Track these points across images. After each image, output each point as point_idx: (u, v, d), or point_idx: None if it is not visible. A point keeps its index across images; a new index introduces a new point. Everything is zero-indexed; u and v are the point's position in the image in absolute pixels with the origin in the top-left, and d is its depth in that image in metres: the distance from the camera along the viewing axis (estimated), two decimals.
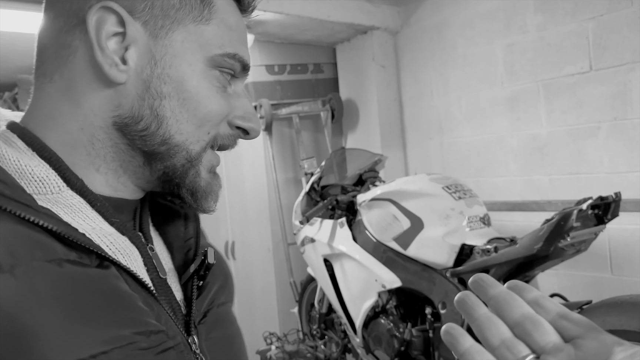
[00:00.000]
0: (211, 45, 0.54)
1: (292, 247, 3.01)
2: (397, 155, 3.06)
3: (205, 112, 0.54)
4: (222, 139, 0.58)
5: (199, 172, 0.56)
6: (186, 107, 0.54)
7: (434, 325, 1.98)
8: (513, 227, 2.45)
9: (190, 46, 0.53)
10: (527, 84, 2.47)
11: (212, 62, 0.55)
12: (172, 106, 0.53)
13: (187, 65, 0.53)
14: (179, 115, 0.53)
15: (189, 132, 0.54)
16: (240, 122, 0.58)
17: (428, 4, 2.87)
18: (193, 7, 0.53)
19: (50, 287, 0.42)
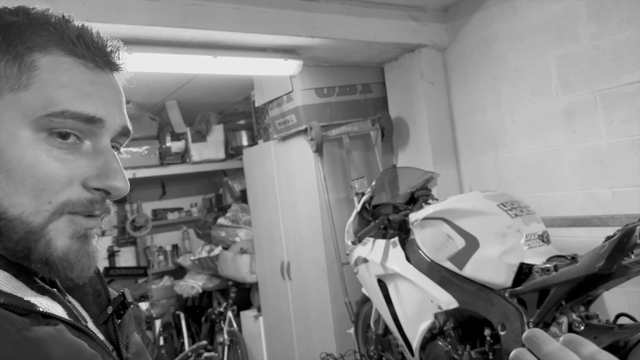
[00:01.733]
0: (33, 109, 0.53)
1: (346, 267, 3.01)
2: (450, 172, 3.02)
3: (34, 181, 0.53)
4: (75, 205, 0.55)
5: (50, 242, 0.54)
6: (11, 178, 0.52)
7: (493, 347, 1.93)
8: (575, 244, 2.36)
9: (10, 115, 0.53)
10: (583, 95, 2.39)
11: (40, 126, 0.53)
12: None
13: (7, 135, 0.52)
14: (7, 188, 0.52)
15: (24, 204, 0.53)
16: (95, 183, 0.56)
17: (476, 19, 2.85)
18: (9, 77, 0.53)
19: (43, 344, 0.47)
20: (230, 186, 4.70)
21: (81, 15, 2.08)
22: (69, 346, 0.49)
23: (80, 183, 0.55)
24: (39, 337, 0.47)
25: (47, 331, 0.49)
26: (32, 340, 0.47)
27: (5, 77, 0.53)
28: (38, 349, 0.46)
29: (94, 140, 0.57)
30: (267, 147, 3.78)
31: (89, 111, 0.55)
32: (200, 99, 4.43)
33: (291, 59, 2.77)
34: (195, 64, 2.50)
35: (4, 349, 0.45)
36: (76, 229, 0.56)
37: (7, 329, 0.46)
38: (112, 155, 0.58)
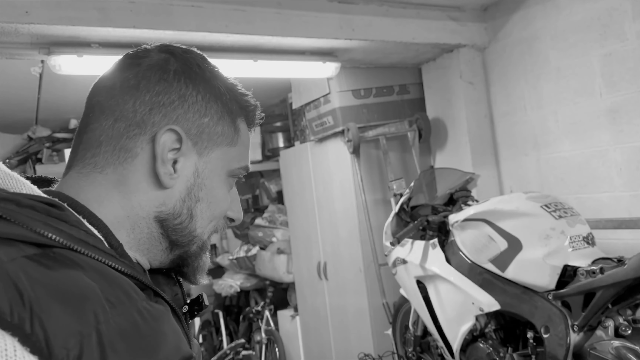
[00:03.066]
0: (233, 161, 0.71)
1: (384, 268, 3.01)
2: (490, 174, 2.99)
3: (219, 212, 0.71)
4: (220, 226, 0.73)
5: (205, 252, 0.73)
6: (211, 208, 0.69)
7: (536, 350, 1.90)
8: (621, 246, 2.30)
9: (221, 163, 0.69)
10: (628, 94, 2.33)
11: (231, 173, 0.71)
12: (202, 207, 0.68)
13: (217, 177, 0.69)
14: (205, 214, 0.69)
15: (204, 226, 0.70)
16: (231, 214, 0.74)
17: (517, 18, 2.81)
18: (227, 134, 0.70)
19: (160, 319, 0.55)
20: (266, 187, 4.76)
21: (129, 22, 2.16)
22: (173, 326, 0.57)
23: None
24: (157, 311, 0.55)
25: (161, 308, 0.56)
26: (151, 312, 0.53)
27: (225, 134, 0.70)
28: (156, 322, 0.53)
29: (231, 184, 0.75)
30: (303, 148, 3.81)
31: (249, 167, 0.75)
32: None
33: (329, 61, 2.80)
34: (236, 68, 2.55)
35: (132, 314, 0.51)
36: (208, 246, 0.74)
37: (134, 297, 0.53)
38: (238, 196, 0.76)
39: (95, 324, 0.47)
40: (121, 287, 0.53)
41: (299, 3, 2.43)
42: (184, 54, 0.68)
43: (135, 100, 0.64)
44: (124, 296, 0.52)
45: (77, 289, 0.49)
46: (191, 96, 0.66)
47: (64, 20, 1.99)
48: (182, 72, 0.66)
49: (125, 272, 0.56)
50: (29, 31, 2.00)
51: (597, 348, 1.73)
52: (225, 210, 0.72)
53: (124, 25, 2.02)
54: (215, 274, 4.93)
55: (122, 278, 0.54)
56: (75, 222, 0.56)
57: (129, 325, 0.50)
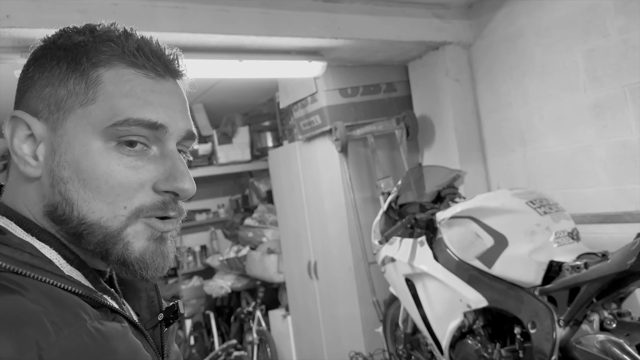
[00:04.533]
0: (101, 120, 0.57)
1: (373, 266, 3.02)
2: (477, 170, 3.00)
3: (109, 188, 0.57)
4: (149, 208, 0.59)
5: (127, 244, 0.59)
6: (88, 186, 0.57)
7: (523, 346, 1.92)
8: (607, 240, 2.32)
9: (82, 129, 0.58)
10: (612, 90, 2.35)
11: (109, 136, 0.58)
12: (76, 188, 0.57)
13: (80, 147, 0.57)
14: (85, 195, 0.57)
15: (102, 210, 0.57)
16: (163, 186, 0.59)
17: (501, 15, 2.82)
18: (78, 93, 0.58)
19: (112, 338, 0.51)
20: (256, 187, 4.75)
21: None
22: (130, 344, 0.53)
23: (151, 187, 0.59)
24: (108, 330, 0.51)
25: (115, 327, 0.53)
26: (103, 332, 0.50)
27: (75, 93, 0.58)
28: (107, 342, 0.50)
29: (160, 146, 0.61)
30: (292, 147, 3.81)
31: (151, 117, 0.59)
32: (226, 102, 4.49)
33: (315, 60, 2.80)
34: (221, 68, 2.54)
35: (81, 336, 0.48)
36: (153, 232, 0.60)
37: (84, 317, 0.50)
38: (178, 159, 0.61)
39: (37, 350, 0.45)
40: (69, 308, 0.50)
41: (283, 3, 2.42)
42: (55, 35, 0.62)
43: None
44: (71, 317, 0.49)
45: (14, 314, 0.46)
46: (33, 72, 0.60)
47: (45, 23, 1.97)
48: (34, 54, 0.62)
49: (75, 291, 0.53)
50: (10, 35, 1.98)
51: (582, 342, 1.75)
52: (129, 184, 0.58)
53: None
54: (206, 275, 4.92)
55: (70, 298, 0.52)
56: (17, 245, 0.54)
57: (76, 348, 0.47)
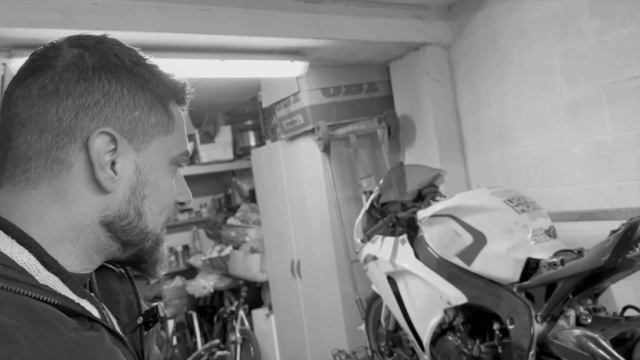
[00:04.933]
0: (173, 148, 0.67)
1: (356, 265, 3.04)
2: (457, 169, 3.04)
3: (167, 202, 0.68)
4: (170, 217, 0.70)
5: (162, 247, 0.70)
6: (159, 202, 0.67)
7: (502, 341, 1.96)
8: (583, 238, 2.38)
9: (161, 154, 0.66)
10: (587, 90, 2.41)
11: (173, 161, 0.68)
12: (150, 203, 0.65)
13: (159, 169, 0.66)
14: (154, 209, 0.66)
15: (155, 221, 0.67)
16: (180, 198, 0.71)
17: (480, 16, 2.87)
18: (163, 123, 0.66)
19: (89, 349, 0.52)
20: (239, 186, 4.75)
21: (92, 24, 2.12)
22: (108, 352, 0.54)
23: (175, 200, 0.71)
24: (85, 341, 0.52)
25: (92, 336, 0.53)
26: (79, 343, 0.50)
27: (162, 123, 0.66)
28: (83, 353, 0.50)
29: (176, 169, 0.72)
30: (275, 147, 3.82)
31: (189, 150, 0.71)
32: (208, 101, 4.47)
33: (297, 60, 2.81)
34: (203, 67, 2.54)
35: (56, 349, 0.48)
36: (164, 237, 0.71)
37: (60, 329, 0.50)
38: (182, 177, 0.73)
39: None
40: (44, 320, 0.50)
41: (265, 3, 2.43)
42: (98, 45, 0.62)
43: (57, 108, 0.59)
44: (46, 330, 0.49)
45: None
46: (116, 91, 0.61)
47: (25, 23, 1.95)
48: (100, 67, 0.61)
49: (51, 302, 0.53)
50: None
51: (559, 337, 1.80)
52: (173, 199, 0.69)
53: (87, 27, 1.99)
54: (188, 275, 4.90)
55: (45, 310, 0.51)
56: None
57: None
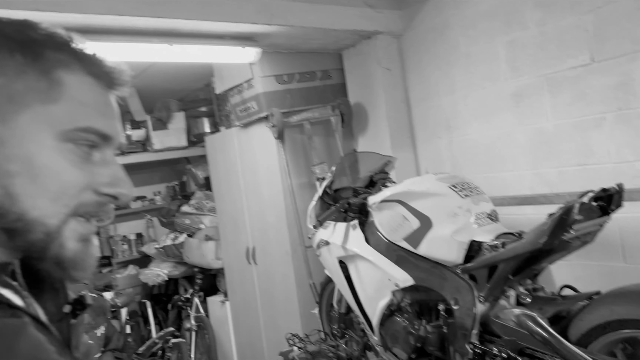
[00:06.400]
0: (61, 122, 0.58)
1: (310, 250, 3.08)
2: (407, 156, 3.11)
3: (58, 186, 0.58)
4: (86, 207, 0.61)
5: (62, 244, 0.59)
6: (37, 182, 0.57)
7: (447, 321, 2.03)
8: (525, 221, 2.48)
9: (38, 126, 0.58)
10: (530, 79, 2.50)
11: (64, 137, 0.59)
12: (22, 183, 0.56)
13: (35, 143, 0.57)
14: (32, 191, 0.57)
15: (45, 207, 0.57)
16: (106, 189, 0.62)
17: (429, 6, 2.92)
18: (40, 90, 0.58)
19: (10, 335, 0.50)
20: (193, 173, 4.69)
21: (29, 4, 2.04)
22: (31, 340, 0.52)
23: (93, 189, 0.61)
24: (8, 327, 0.50)
25: (13, 322, 0.52)
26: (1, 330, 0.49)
27: (36, 90, 0.58)
28: (4, 340, 0.49)
29: (102, 152, 0.63)
30: (229, 134, 3.79)
31: (106, 130, 0.62)
32: (160, 86, 4.38)
33: (249, 46, 2.79)
34: (151, 52, 2.49)
35: None
36: (82, 233, 0.61)
37: None
38: (119, 165, 0.64)
39: None
40: None
41: None
42: None
43: None
44: None
45: None
46: None
47: None
48: None
49: None
50: None
51: (500, 316, 1.88)
52: (76, 184, 0.59)
53: (25, 7, 1.91)
54: (142, 264, 4.83)
55: None
56: None
57: None
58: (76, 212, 0.60)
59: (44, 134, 0.58)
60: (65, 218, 0.59)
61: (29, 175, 0.57)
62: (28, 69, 0.58)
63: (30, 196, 0.57)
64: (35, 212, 0.57)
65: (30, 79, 0.58)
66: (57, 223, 0.58)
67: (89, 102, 0.61)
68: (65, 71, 0.60)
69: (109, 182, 0.62)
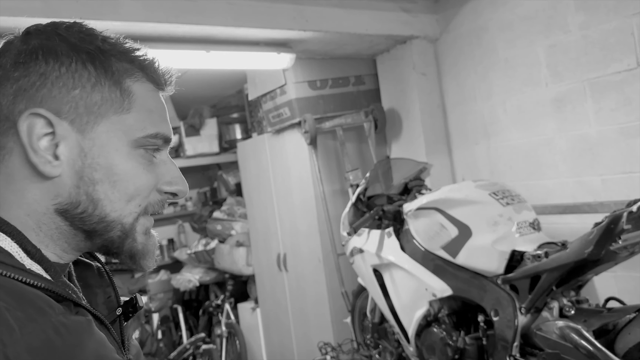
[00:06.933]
0: (134, 130, 0.62)
1: (342, 258, 3.05)
2: (442, 163, 3.06)
3: (134, 189, 0.63)
4: (152, 206, 0.66)
5: (135, 238, 0.65)
6: (117, 187, 0.62)
7: (487, 333, 1.97)
8: (566, 230, 2.40)
9: (115, 134, 0.61)
10: (572, 84, 2.43)
11: (137, 144, 0.63)
12: (104, 189, 0.61)
13: (114, 152, 0.61)
14: (112, 196, 0.62)
15: (122, 209, 0.62)
16: (167, 188, 0.66)
17: (466, 9, 2.87)
18: (114, 101, 0.61)
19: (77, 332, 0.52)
20: (224, 180, 4.72)
21: (74, 13, 2.09)
22: (97, 337, 0.54)
23: (158, 189, 0.66)
24: (74, 324, 0.52)
25: (80, 320, 0.54)
26: (68, 326, 0.51)
27: (111, 101, 0.61)
28: (72, 336, 0.50)
29: (163, 153, 0.68)
30: (261, 140, 3.80)
31: (168, 133, 0.66)
32: (193, 93, 4.43)
33: (284, 52, 2.79)
34: (188, 58, 2.51)
35: (45, 331, 0.48)
36: (147, 227, 0.66)
37: (48, 312, 0.50)
38: (175, 164, 0.68)
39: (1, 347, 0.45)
40: (32, 302, 0.50)
41: None
42: (46, 28, 0.61)
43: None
44: (35, 313, 0.49)
45: None
46: (53, 70, 0.59)
47: (4, 11, 1.90)
48: (39, 47, 0.59)
49: (38, 285, 0.53)
50: None
51: (543, 329, 1.81)
52: (148, 186, 0.64)
53: (69, 16, 1.94)
54: (174, 269, 4.87)
55: (33, 292, 0.52)
56: None
57: (41, 344, 0.48)
58: (146, 210, 0.65)
59: (120, 143, 0.62)
60: (137, 217, 0.64)
61: (109, 181, 0.61)
62: (102, 79, 0.61)
63: (111, 200, 0.62)
64: (114, 213, 0.62)
65: (105, 90, 0.61)
66: (131, 221, 0.64)
67: (154, 108, 0.65)
68: (132, 80, 0.63)
69: (169, 181, 0.67)
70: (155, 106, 0.65)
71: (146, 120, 0.64)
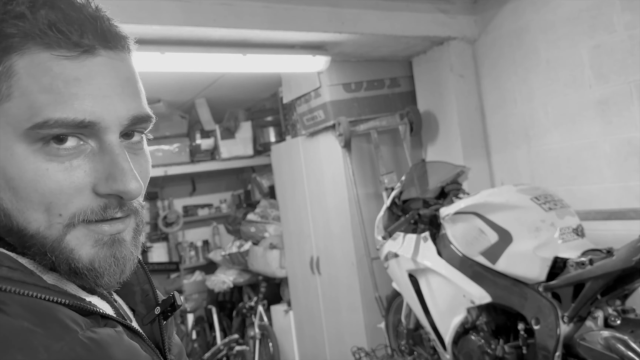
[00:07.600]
0: (19, 120, 0.48)
1: (376, 262, 3.02)
2: (481, 166, 2.99)
3: (39, 196, 0.49)
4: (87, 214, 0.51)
5: (72, 252, 0.51)
6: (19, 195, 0.49)
7: (527, 342, 1.91)
8: (611, 237, 2.31)
9: (2, 130, 0.48)
10: (617, 86, 2.34)
11: (31, 137, 0.48)
12: (8, 198, 0.49)
13: (5, 151, 0.48)
14: (18, 205, 0.49)
15: (39, 220, 0.50)
16: (103, 189, 0.51)
17: (506, 10, 2.80)
18: None
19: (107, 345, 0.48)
20: (258, 182, 4.75)
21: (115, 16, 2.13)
22: (127, 348, 0.50)
23: (92, 190, 0.51)
24: (102, 338, 0.48)
25: (109, 333, 0.50)
26: (97, 341, 0.47)
27: None
28: (102, 351, 0.47)
29: (97, 140, 0.51)
30: (295, 143, 3.80)
31: (76, 116, 0.48)
32: (229, 96, 4.48)
33: (319, 54, 2.79)
34: (225, 62, 2.54)
35: (73, 349, 0.45)
36: (97, 237, 0.52)
37: (74, 328, 0.47)
38: (118, 154, 0.51)
39: None
40: (57, 320, 0.47)
41: None
42: None
43: None
44: (61, 330, 0.46)
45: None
46: None
47: None
48: None
49: (62, 302, 0.49)
50: None
51: (586, 339, 1.75)
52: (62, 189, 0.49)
53: None
54: (208, 270, 4.93)
55: (58, 310, 0.48)
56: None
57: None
58: (76, 219, 0.51)
59: (9, 139, 0.48)
60: (63, 229, 0.51)
61: (8, 188, 0.49)
62: None
63: (19, 210, 0.50)
64: (31, 226, 0.50)
65: None
66: (56, 234, 0.51)
67: (48, 87, 0.48)
68: (18, 55, 0.48)
69: (105, 179, 0.51)
70: (53, 84, 0.48)
71: (34, 106, 0.47)
